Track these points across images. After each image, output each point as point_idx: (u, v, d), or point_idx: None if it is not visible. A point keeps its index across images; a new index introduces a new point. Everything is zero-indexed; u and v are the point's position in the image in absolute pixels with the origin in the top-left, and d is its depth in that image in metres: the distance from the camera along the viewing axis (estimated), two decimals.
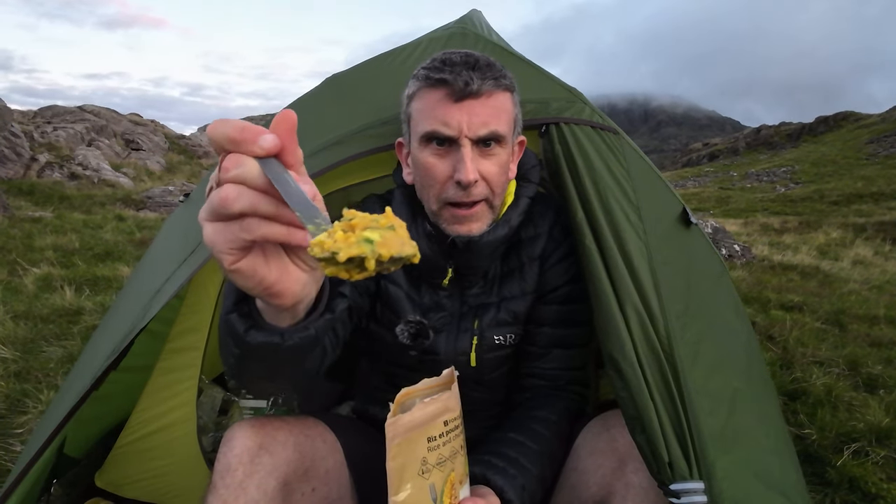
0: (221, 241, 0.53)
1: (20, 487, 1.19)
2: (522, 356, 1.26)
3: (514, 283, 1.22)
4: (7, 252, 5.17)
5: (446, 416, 0.75)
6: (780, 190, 26.46)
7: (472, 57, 1.03)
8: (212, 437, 1.90)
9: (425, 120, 1.04)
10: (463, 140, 1.01)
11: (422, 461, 0.72)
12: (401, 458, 0.70)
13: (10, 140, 10.53)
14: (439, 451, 0.73)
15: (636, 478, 0.98)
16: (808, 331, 3.69)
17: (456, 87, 0.99)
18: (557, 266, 1.22)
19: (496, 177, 1.06)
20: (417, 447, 0.72)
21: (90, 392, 1.18)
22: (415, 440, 0.72)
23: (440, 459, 0.73)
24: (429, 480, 0.71)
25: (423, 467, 0.71)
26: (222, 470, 0.95)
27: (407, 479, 0.70)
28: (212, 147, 0.53)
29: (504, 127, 1.04)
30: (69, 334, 3.11)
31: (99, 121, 16.04)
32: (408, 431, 0.71)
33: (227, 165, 0.50)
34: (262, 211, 0.52)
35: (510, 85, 1.07)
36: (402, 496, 0.69)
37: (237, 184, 0.51)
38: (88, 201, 9.38)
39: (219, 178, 0.52)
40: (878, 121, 40.94)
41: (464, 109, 1.00)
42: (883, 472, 1.99)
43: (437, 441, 0.73)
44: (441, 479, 0.73)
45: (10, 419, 2.18)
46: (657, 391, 0.97)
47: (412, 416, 0.72)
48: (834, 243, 9.74)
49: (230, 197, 0.50)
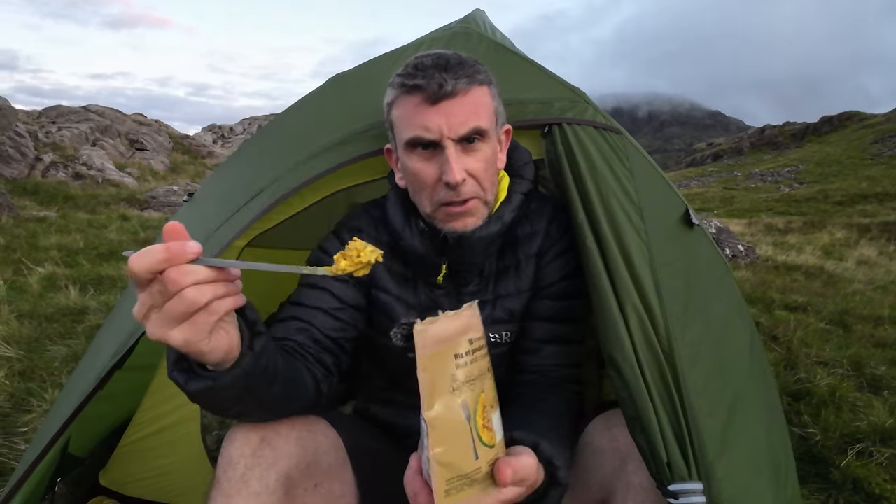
0: (196, 334, 0.65)
1: (25, 486, 1.20)
2: (517, 351, 1.26)
3: (510, 280, 1.22)
4: (12, 251, 5.20)
5: (471, 334, 0.72)
6: (784, 190, 26.39)
7: (443, 58, 1.03)
8: (216, 436, 1.91)
9: (406, 127, 1.05)
10: (446, 142, 1.02)
11: (451, 378, 0.70)
12: (430, 372, 0.69)
13: (14, 140, 10.59)
14: (468, 368, 0.71)
15: (637, 478, 0.97)
16: (812, 331, 3.69)
17: (430, 91, 1.00)
18: (554, 263, 1.22)
19: (483, 172, 1.07)
20: (446, 363, 0.70)
21: (95, 391, 1.19)
22: (443, 355, 0.70)
23: (469, 377, 0.71)
24: (460, 398, 0.70)
25: (452, 384, 0.70)
26: (225, 464, 0.96)
27: (438, 395, 0.69)
28: (135, 280, 0.63)
29: (485, 122, 1.05)
30: (74, 333, 3.13)
31: (103, 121, 16.10)
32: (436, 344, 0.70)
33: (174, 278, 0.61)
34: (220, 293, 0.66)
35: (485, 78, 1.07)
36: (434, 413, 0.68)
37: (195, 286, 0.62)
38: (93, 201, 9.43)
39: (167, 291, 0.62)
40: (882, 120, 40.77)
41: (441, 111, 1.01)
42: (887, 473, 1.98)
43: (465, 359, 0.71)
44: (472, 398, 0.71)
45: (14, 418, 2.19)
46: (656, 392, 0.97)
47: (439, 326, 0.70)
48: (838, 243, 9.71)
49: (196, 296, 0.63)
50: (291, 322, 1.11)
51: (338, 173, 1.28)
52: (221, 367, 0.77)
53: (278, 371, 0.90)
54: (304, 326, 1.11)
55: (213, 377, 0.77)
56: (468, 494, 0.70)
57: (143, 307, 0.64)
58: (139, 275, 0.62)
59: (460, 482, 0.70)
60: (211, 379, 0.76)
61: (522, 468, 0.75)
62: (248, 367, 0.78)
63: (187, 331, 0.65)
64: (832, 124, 46.23)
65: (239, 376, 0.78)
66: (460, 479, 0.70)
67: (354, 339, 1.21)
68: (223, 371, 0.77)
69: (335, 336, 1.14)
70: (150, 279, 0.62)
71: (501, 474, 0.72)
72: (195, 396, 0.79)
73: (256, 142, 1.73)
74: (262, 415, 0.98)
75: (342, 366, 1.16)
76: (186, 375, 0.77)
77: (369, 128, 1.28)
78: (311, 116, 1.51)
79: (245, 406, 0.89)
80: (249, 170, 1.54)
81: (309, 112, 1.53)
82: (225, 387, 0.77)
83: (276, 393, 0.92)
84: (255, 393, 0.86)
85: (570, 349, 1.23)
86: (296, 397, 1.00)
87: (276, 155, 1.45)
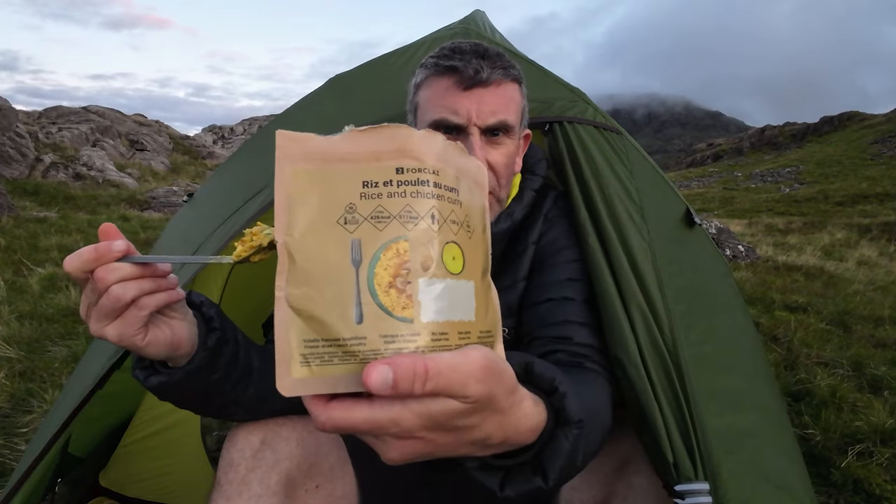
0: (128, 328, 0.67)
1: (25, 486, 1.20)
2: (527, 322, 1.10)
3: (509, 272, 1.18)
4: (12, 252, 5.19)
5: (402, 161, 0.49)
6: (784, 190, 26.38)
7: (482, 46, 1.02)
8: (216, 436, 1.90)
9: (433, 108, 1.02)
10: (472, 128, 1.00)
11: (346, 207, 0.48)
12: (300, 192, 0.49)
13: (15, 140, 10.59)
14: (381, 202, 0.48)
15: (638, 478, 0.97)
16: (813, 332, 3.68)
17: (465, 75, 0.98)
18: (547, 239, 1.14)
19: (503, 167, 1.05)
20: (339, 186, 0.49)
21: (94, 391, 1.19)
22: (336, 176, 0.49)
23: (379, 214, 0.48)
24: (353, 234, 0.47)
25: (346, 215, 0.48)
26: (225, 466, 0.96)
27: (310, 221, 0.48)
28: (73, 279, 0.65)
29: (512, 117, 1.04)
30: (74, 334, 3.12)
31: (104, 121, 16.11)
32: (323, 162, 0.49)
33: (101, 276, 0.63)
34: (147, 289, 0.66)
35: (518, 76, 1.06)
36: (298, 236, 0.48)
37: (119, 282, 0.64)
38: (93, 201, 9.43)
39: (97, 289, 0.64)
40: (882, 121, 40.76)
41: (473, 98, 0.99)
42: (887, 474, 1.98)
43: (380, 189, 0.48)
44: (375, 241, 0.47)
45: (14, 418, 2.19)
46: (662, 392, 0.97)
47: (331, 140, 0.50)
48: (839, 244, 9.70)
49: (120, 292, 0.64)
50: None
51: None
52: (178, 363, 0.79)
53: (252, 368, 0.91)
54: None
55: (169, 373, 0.80)
56: (341, 371, 0.46)
57: (83, 306, 0.68)
58: (73, 274, 0.64)
59: (327, 350, 0.46)
60: (166, 375, 0.80)
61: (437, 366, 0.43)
62: (200, 362, 0.80)
63: (119, 326, 0.67)
64: (832, 125, 46.22)
65: (192, 371, 0.80)
66: (327, 344, 0.46)
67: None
68: (178, 368, 0.80)
69: None
70: (84, 279, 0.65)
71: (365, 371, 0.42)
72: (156, 391, 0.82)
73: (256, 142, 1.73)
74: (246, 413, 0.98)
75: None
76: (146, 372, 0.81)
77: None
78: (310, 117, 1.51)
79: (215, 405, 0.90)
80: (249, 170, 1.54)
81: (309, 112, 1.53)
82: (179, 382, 0.79)
83: (251, 391, 0.92)
84: (222, 389, 0.87)
85: (580, 307, 1.06)
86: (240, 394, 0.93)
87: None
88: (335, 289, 0.46)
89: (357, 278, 0.46)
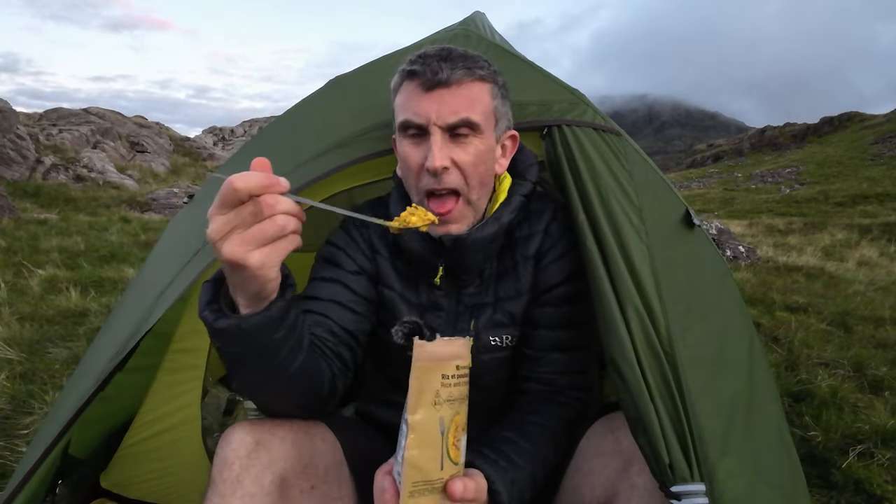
0: (273, 258, 0.72)
1: (26, 488, 1.20)
2: (520, 359, 1.25)
3: (510, 283, 1.21)
4: (13, 254, 5.20)
5: (459, 361, 0.80)
6: (784, 191, 26.37)
7: (447, 49, 1.06)
8: (217, 438, 1.90)
9: (401, 111, 1.08)
10: (432, 128, 1.03)
11: (436, 393, 0.78)
12: (420, 382, 0.77)
13: (15, 142, 10.60)
14: (450, 389, 0.79)
15: (640, 479, 0.97)
16: (813, 332, 3.68)
17: (425, 78, 1.03)
18: (553, 265, 1.21)
19: (470, 166, 1.06)
20: (433, 378, 0.78)
21: (96, 393, 1.19)
22: (432, 370, 0.78)
23: (450, 398, 0.79)
24: (439, 413, 0.78)
25: (436, 398, 0.78)
26: (220, 465, 0.96)
27: (423, 404, 0.77)
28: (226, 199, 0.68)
29: (477, 116, 1.05)
30: (74, 336, 3.12)
31: (104, 123, 16.13)
32: (429, 360, 0.78)
33: (270, 202, 0.68)
34: (299, 228, 0.73)
35: (487, 76, 1.08)
36: (417, 417, 0.77)
37: (285, 213, 0.70)
38: (93, 203, 9.44)
39: (260, 213, 0.68)
40: (883, 121, 40.75)
41: (433, 99, 1.03)
42: (888, 474, 1.98)
43: (450, 380, 0.79)
44: (449, 416, 0.79)
45: (15, 420, 2.19)
46: (658, 393, 0.97)
47: (435, 346, 0.78)
48: (839, 244, 9.71)
49: (284, 222, 0.70)
50: (308, 316, 1.12)
51: (337, 175, 1.28)
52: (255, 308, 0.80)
53: (303, 342, 0.93)
54: (321, 319, 1.12)
55: (241, 318, 0.79)
56: (428, 500, 0.79)
57: (225, 226, 0.68)
58: (240, 192, 0.66)
59: (424, 487, 0.78)
60: (237, 319, 0.79)
61: (472, 489, 0.83)
62: (276, 312, 0.81)
63: (268, 253, 0.70)
64: (832, 125, 46.21)
65: (266, 319, 0.80)
66: (425, 484, 0.78)
67: (368, 332, 1.22)
68: (254, 313, 0.80)
69: (351, 328, 1.15)
70: (243, 200, 0.67)
71: (451, 488, 0.80)
72: (221, 334, 0.81)
73: (256, 143, 1.74)
74: (275, 392, 0.98)
75: (357, 360, 1.17)
76: (216, 315, 0.80)
77: (369, 130, 1.28)
78: (310, 118, 1.51)
79: (262, 369, 0.89)
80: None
81: (309, 114, 1.53)
82: (251, 329, 0.80)
83: (296, 366, 0.92)
84: (277, 354, 0.87)
85: (574, 356, 1.21)
86: (311, 385, 1.00)
87: (276, 157, 1.44)
88: (433, 450, 0.78)
89: (442, 443, 0.79)
